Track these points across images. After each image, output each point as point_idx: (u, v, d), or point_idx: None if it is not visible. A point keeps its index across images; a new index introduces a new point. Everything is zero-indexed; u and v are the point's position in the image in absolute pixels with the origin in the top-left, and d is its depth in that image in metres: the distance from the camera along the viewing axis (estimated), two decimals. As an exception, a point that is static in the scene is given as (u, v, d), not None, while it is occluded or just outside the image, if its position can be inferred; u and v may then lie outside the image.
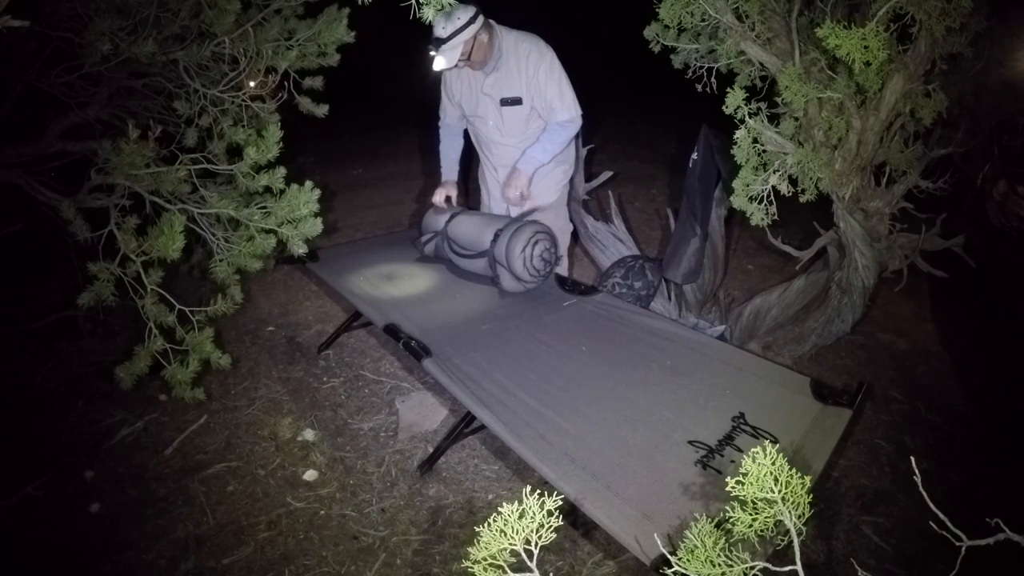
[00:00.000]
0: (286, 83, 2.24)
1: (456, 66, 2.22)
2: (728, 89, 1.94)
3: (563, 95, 2.31)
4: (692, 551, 0.80)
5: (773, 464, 0.78)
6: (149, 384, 2.27)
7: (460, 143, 2.67)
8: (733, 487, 0.79)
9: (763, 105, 1.96)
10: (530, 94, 2.33)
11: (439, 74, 2.40)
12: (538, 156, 2.38)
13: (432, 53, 2.14)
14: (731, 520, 0.80)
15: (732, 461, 1.49)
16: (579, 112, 2.35)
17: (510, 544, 0.77)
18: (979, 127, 2.36)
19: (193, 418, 2.26)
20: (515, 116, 2.40)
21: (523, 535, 0.76)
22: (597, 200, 3.81)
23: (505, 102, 2.38)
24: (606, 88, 7.69)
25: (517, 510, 0.78)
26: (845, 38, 1.57)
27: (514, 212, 2.49)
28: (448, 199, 2.62)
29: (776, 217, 1.97)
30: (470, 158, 2.73)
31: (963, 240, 2.25)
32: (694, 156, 2.47)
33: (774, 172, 1.95)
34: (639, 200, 4.70)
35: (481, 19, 2.18)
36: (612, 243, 2.96)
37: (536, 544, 0.76)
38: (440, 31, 2.11)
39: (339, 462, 2.08)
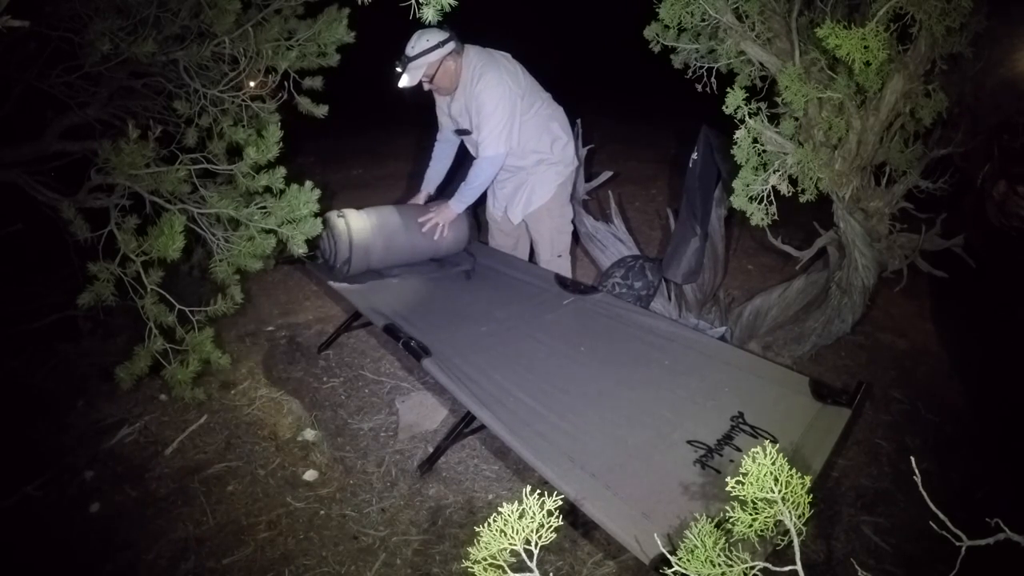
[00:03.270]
0: (286, 83, 2.24)
1: (420, 85, 2.27)
2: (728, 89, 1.94)
3: (487, 131, 2.31)
4: (692, 551, 0.80)
5: (773, 464, 0.78)
6: (149, 384, 2.27)
7: (451, 156, 2.70)
8: (733, 487, 0.79)
9: (763, 105, 1.96)
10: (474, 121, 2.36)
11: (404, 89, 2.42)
12: (464, 196, 2.45)
13: (398, 70, 2.20)
14: (731, 520, 0.80)
15: (731, 461, 1.49)
16: (497, 153, 2.35)
17: (510, 544, 0.77)
18: (979, 127, 2.35)
19: (193, 418, 2.26)
20: (472, 143, 2.47)
21: (523, 535, 0.77)
22: (597, 200, 3.80)
23: (459, 132, 2.45)
24: (606, 88, 7.69)
25: (517, 510, 0.78)
26: (845, 38, 1.57)
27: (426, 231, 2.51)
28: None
29: (776, 217, 1.97)
30: (455, 173, 2.76)
31: (963, 240, 2.25)
32: (694, 156, 2.47)
33: (774, 172, 1.95)
34: (639, 200, 4.70)
35: (452, 45, 2.21)
36: (612, 243, 2.96)
37: (536, 544, 0.77)
38: (409, 49, 2.18)
39: (339, 462, 2.08)
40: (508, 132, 2.34)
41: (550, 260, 2.67)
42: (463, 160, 2.74)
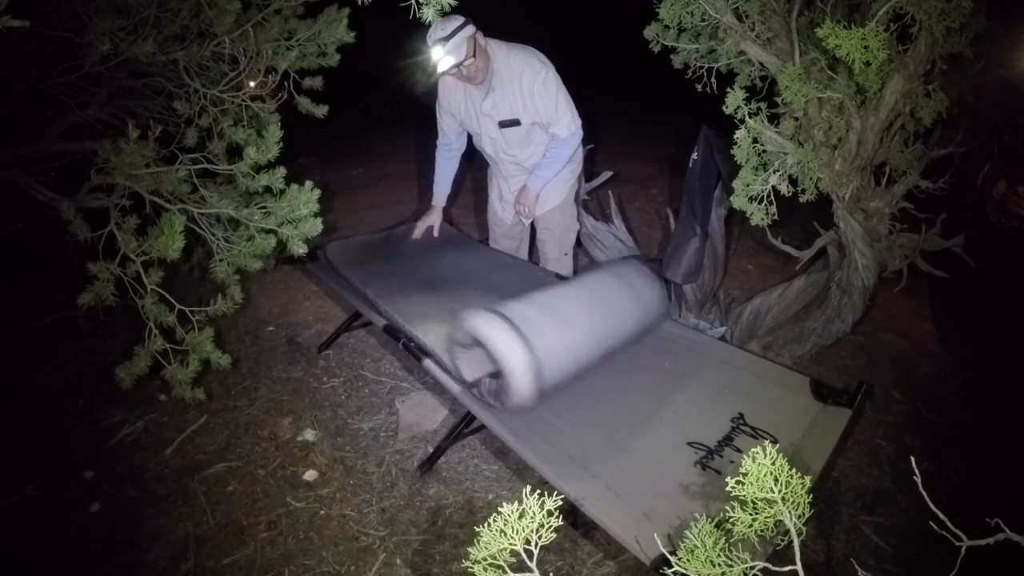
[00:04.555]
0: (286, 83, 2.24)
1: (460, 68, 2.17)
2: (728, 89, 1.94)
3: (560, 112, 2.31)
4: (692, 551, 0.80)
5: (773, 464, 0.78)
6: (149, 384, 2.27)
7: (456, 164, 2.70)
8: (733, 487, 0.79)
9: (763, 105, 1.96)
10: (528, 112, 2.34)
11: (436, 83, 2.40)
12: (544, 174, 2.45)
13: (438, 54, 2.11)
14: (731, 520, 0.80)
15: (732, 462, 1.49)
16: (578, 126, 2.36)
17: (510, 544, 0.77)
18: (979, 127, 2.35)
19: (193, 418, 2.26)
20: (515, 135, 2.43)
21: (523, 535, 0.77)
22: (597, 200, 3.80)
23: (504, 124, 2.40)
24: (606, 87, 7.69)
25: (517, 510, 0.78)
26: (845, 38, 1.57)
27: (524, 221, 2.59)
28: (431, 228, 2.72)
29: (776, 217, 1.97)
30: (463, 178, 2.77)
31: (963, 240, 2.25)
32: (694, 156, 2.46)
33: (774, 172, 1.95)
34: (639, 200, 4.70)
35: (473, 26, 2.18)
36: (612, 243, 2.96)
37: (536, 544, 0.77)
38: (439, 32, 2.10)
39: (339, 462, 2.08)
40: (573, 105, 2.35)
41: (558, 258, 2.68)
42: (472, 157, 2.75)
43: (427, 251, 2.72)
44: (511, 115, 2.36)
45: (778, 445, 0.79)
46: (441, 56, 2.10)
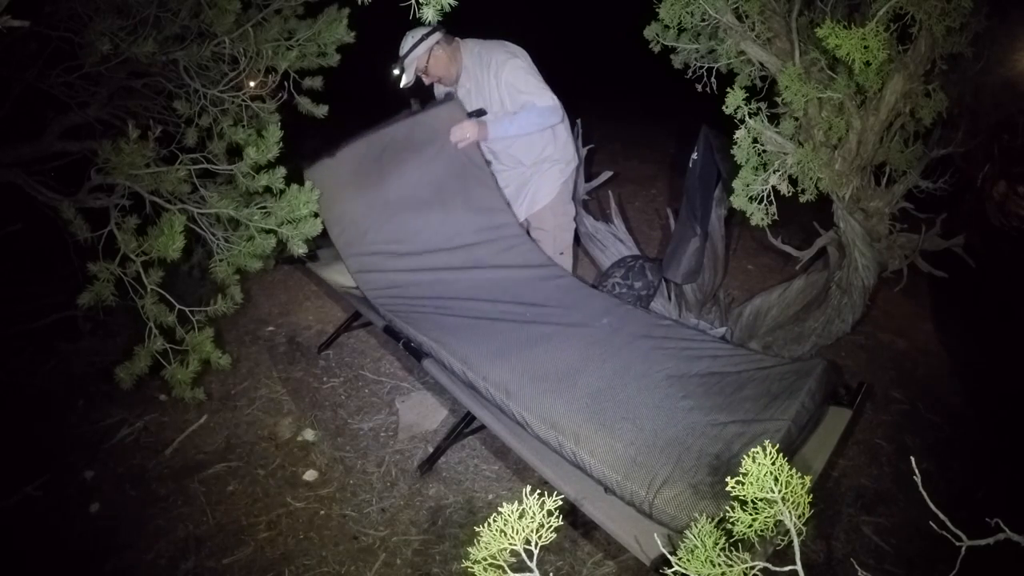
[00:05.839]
0: (286, 83, 2.24)
1: (423, 78, 2.38)
2: (728, 89, 1.94)
3: (531, 88, 2.36)
4: (692, 551, 0.80)
5: (773, 464, 0.78)
6: (149, 384, 2.27)
7: None
8: (733, 487, 0.79)
9: (763, 105, 1.96)
10: (499, 101, 2.42)
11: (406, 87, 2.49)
12: (502, 126, 2.43)
13: (395, 72, 2.34)
14: (731, 520, 0.80)
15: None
16: (557, 102, 2.39)
17: (510, 544, 0.77)
18: (979, 127, 2.35)
19: (193, 418, 2.26)
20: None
21: (523, 535, 0.77)
22: (597, 200, 3.80)
23: (472, 114, 2.49)
24: (606, 88, 7.69)
25: (517, 510, 0.78)
26: (845, 38, 1.56)
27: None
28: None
29: (776, 217, 1.97)
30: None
31: (963, 240, 2.25)
32: (694, 156, 2.47)
33: (774, 172, 1.94)
34: (639, 200, 4.70)
35: (437, 35, 2.31)
36: (612, 243, 2.96)
37: (536, 544, 0.76)
38: (400, 51, 2.31)
39: (339, 462, 2.08)
40: (546, 86, 2.39)
41: (552, 257, 2.68)
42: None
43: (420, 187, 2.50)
44: (479, 106, 2.47)
45: (778, 445, 0.79)
46: (398, 75, 2.34)
